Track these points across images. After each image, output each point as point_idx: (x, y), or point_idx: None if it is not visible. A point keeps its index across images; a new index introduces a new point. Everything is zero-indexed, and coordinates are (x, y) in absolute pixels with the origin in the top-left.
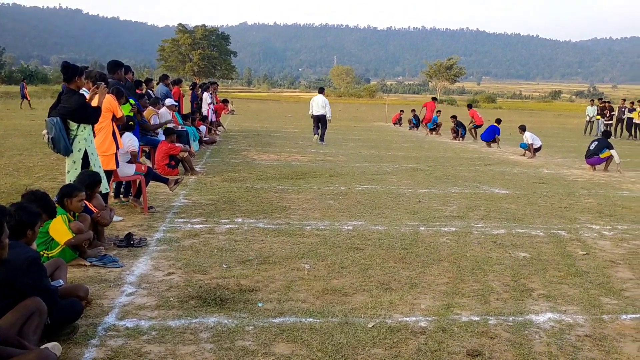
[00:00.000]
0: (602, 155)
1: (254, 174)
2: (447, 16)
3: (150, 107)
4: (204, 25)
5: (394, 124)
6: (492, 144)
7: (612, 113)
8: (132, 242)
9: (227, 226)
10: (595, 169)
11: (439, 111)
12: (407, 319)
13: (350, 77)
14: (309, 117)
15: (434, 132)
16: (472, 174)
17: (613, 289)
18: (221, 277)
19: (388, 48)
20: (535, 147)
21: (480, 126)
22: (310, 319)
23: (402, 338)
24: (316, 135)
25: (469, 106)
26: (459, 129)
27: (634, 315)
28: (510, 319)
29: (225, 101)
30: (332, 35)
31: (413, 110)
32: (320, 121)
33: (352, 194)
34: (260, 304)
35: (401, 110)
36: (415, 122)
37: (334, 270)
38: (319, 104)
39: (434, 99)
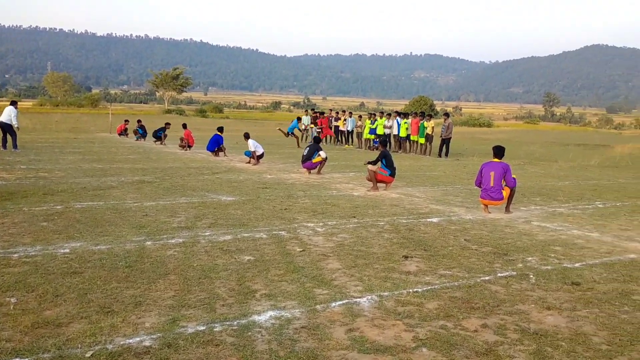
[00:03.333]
0: (314, 160)
1: None
2: (170, 26)
3: None
4: None
5: (120, 134)
6: (219, 153)
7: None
8: None
9: None
10: (310, 172)
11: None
12: (130, 340)
13: (68, 84)
14: (16, 129)
15: (159, 142)
16: (201, 183)
17: (325, 280)
18: None
19: (110, 55)
20: (258, 154)
21: (191, 146)
22: (17, 359)
23: None
24: None
25: (184, 126)
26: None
27: (341, 302)
28: (235, 322)
29: None
30: (45, 40)
31: (139, 121)
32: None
33: (70, 213)
34: None
35: (126, 121)
36: (142, 133)
37: (46, 300)
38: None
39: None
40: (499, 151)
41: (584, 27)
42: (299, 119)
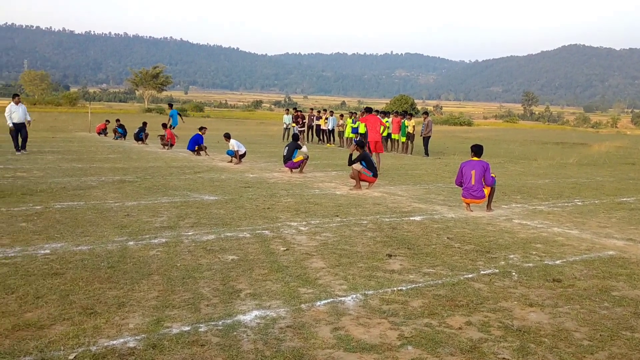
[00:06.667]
0: (295, 159)
1: None
2: (150, 24)
3: None
4: None
5: (99, 134)
6: (200, 152)
7: (304, 121)
8: None
9: None
10: (292, 171)
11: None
12: (114, 342)
13: (45, 83)
14: None
15: (141, 142)
16: (183, 182)
17: (309, 279)
18: None
19: (88, 53)
20: (240, 153)
21: (173, 145)
22: None
23: None
24: None
25: (164, 126)
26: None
27: (326, 301)
28: (220, 322)
29: None
30: (21, 37)
31: (118, 120)
32: None
33: (50, 213)
34: None
35: (107, 121)
36: (122, 132)
37: (27, 302)
38: None
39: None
40: (477, 150)
41: (561, 27)
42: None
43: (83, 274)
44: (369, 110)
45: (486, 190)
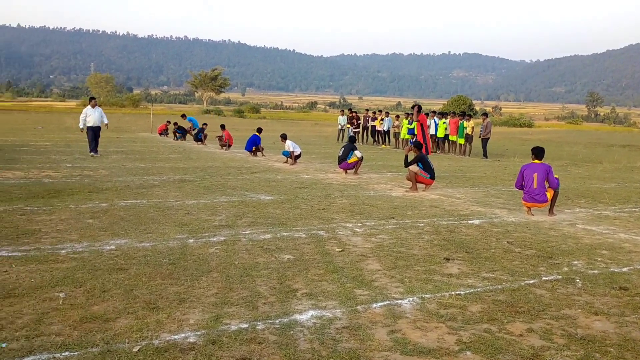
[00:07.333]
0: (350, 161)
1: None
2: (208, 27)
3: None
4: None
5: (160, 134)
6: (257, 153)
7: (359, 122)
8: None
9: None
10: (347, 172)
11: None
12: (176, 336)
13: (110, 85)
14: (62, 129)
15: (200, 143)
16: (240, 182)
17: (365, 281)
18: None
19: (151, 57)
20: (295, 154)
21: (231, 146)
22: (66, 353)
23: (170, 358)
24: None
25: (222, 127)
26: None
27: (382, 303)
28: (277, 321)
29: None
30: (88, 41)
31: (175, 123)
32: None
33: (115, 211)
34: (4, 345)
35: (168, 121)
36: (181, 132)
37: (94, 295)
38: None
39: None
40: (539, 152)
41: (629, 25)
42: None
43: (146, 270)
44: (419, 108)
45: (549, 194)
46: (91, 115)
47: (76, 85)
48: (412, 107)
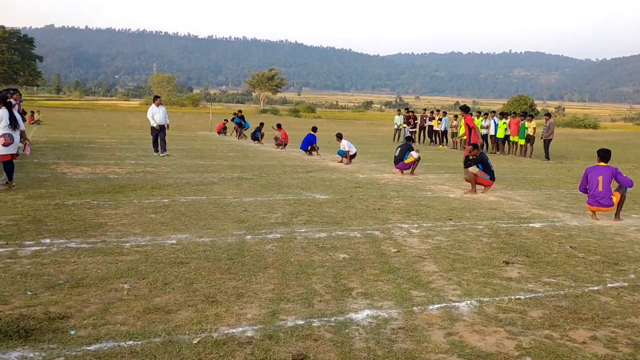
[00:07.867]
0: (406, 161)
1: (65, 189)
2: (266, 28)
3: None
4: (2, 27)
5: (219, 133)
6: (312, 152)
7: (416, 121)
8: None
9: (33, 248)
10: (403, 173)
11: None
12: (234, 330)
13: (171, 85)
14: (126, 127)
15: (257, 142)
16: (295, 181)
17: (421, 282)
18: (25, 305)
19: (210, 57)
20: (351, 153)
21: (286, 145)
22: (131, 342)
23: (229, 351)
24: None
25: (278, 126)
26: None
27: (439, 305)
28: (333, 319)
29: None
30: (151, 42)
31: (233, 119)
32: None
33: (176, 206)
34: (72, 332)
35: (225, 120)
36: (239, 122)
37: (156, 287)
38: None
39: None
40: (604, 154)
41: None
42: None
43: (205, 264)
44: (465, 109)
45: (615, 198)
46: (157, 114)
47: (139, 85)
48: (460, 109)
